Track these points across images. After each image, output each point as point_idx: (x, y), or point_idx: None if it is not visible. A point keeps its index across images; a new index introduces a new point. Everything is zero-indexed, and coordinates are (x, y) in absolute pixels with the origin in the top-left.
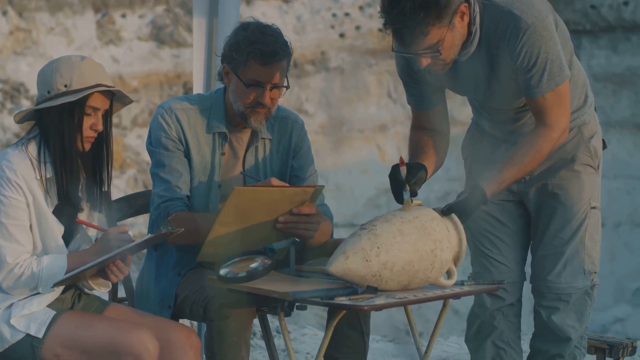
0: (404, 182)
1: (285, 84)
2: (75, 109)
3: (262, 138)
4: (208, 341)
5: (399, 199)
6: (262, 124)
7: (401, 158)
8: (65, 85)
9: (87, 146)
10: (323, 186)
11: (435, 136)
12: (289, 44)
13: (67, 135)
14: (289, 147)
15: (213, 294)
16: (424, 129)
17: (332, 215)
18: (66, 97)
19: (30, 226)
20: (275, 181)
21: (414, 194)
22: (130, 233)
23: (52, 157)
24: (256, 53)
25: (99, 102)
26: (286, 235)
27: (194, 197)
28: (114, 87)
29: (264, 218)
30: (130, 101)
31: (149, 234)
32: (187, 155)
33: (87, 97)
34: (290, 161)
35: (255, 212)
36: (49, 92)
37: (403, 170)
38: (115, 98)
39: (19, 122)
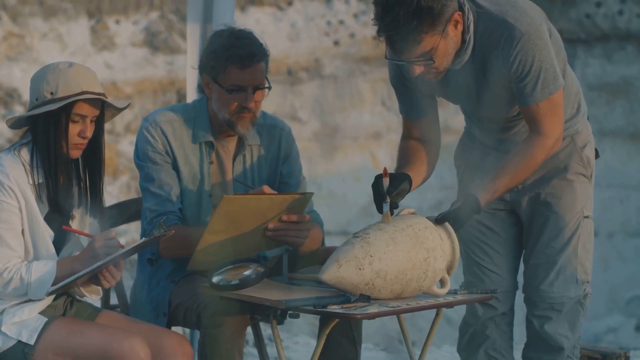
0: (385, 194)
1: (266, 85)
2: (62, 116)
3: (249, 145)
4: (201, 348)
5: (380, 209)
6: (249, 129)
7: (385, 169)
8: (51, 93)
9: (77, 153)
10: (312, 193)
11: (424, 146)
12: (264, 45)
13: (52, 142)
14: (279, 155)
15: (207, 301)
16: (414, 138)
17: (322, 222)
18: (50, 105)
19: (22, 231)
20: (267, 189)
21: (394, 205)
22: (123, 240)
23: (42, 164)
24: (234, 58)
25: (86, 110)
26: (276, 243)
27: (185, 208)
28: (101, 94)
29: (254, 226)
30: (121, 108)
31: (143, 238)
32: (175, 167)
33: (72, 104)
34: (280, 168)
35: (245, 220)
36: (36, 99)
37: (385, 182)
38: (107, 105)
39: (12, 127)
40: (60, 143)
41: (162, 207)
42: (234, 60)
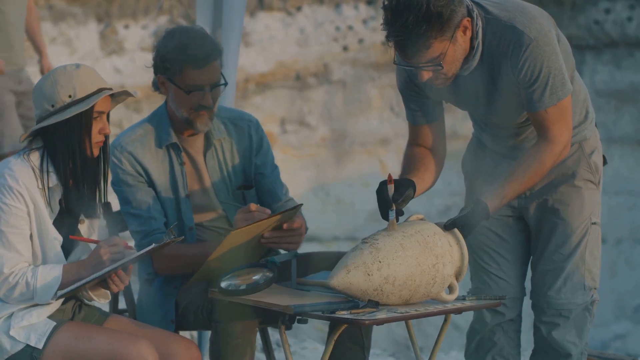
0: (391, 201)
1: (222, 82)
2: (83, 117)
3: (217, 139)
4: (213, 343)
5: (385, 216)
6: (208, 125)
7: (389, 175)
8: (70, 96)
9: (97, 151)
10: (302, 204)
11: (430, 154)
12: (217, 42)
13: (77, 144)
14: (251, 147)
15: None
16: (420, 145)
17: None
18: (77, 107)
19: (31, 235)
20: (253, 206)
21: (400, 212)
22: (132, 244)
23: (62, 168)
24: (190, 59)
25: (104, 106)
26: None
27: (167, 214)
28: (112, 89)
29: (251, 243)
30: (127, 95)
31: (154, 244)
32: (150, 181)
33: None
34: (253, 159)
35: (244, 241)
36: (52, 106)
37: (390, 189)
38: (114, 100)
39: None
40: (84, 144)
41: (147, 226)
42: (190, 61)
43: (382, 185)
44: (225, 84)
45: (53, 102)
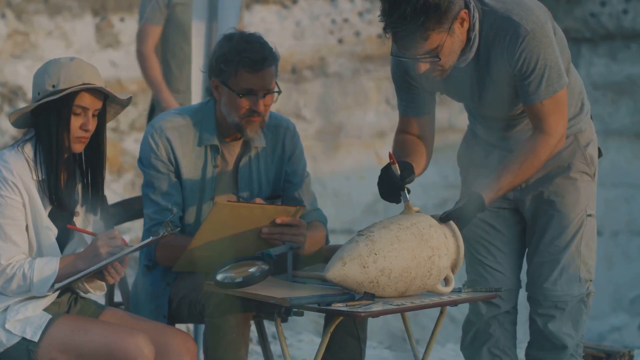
0: (401, 182)
1: (276, 89)
2: (64, 109)
3: (255, 147)
4: (206, 340)
5: (396, 199)
6: (258, 133)
7: (391, 154)
8: (53, 86)
9: (80, 147)
10: (304, 207)
11: (420, 142)
12: (274, 49)
13: (55, 136)
14: (283, 155)
15: (211, 291)
16: (410, 134)
17: (325, 220)
18: (52, 97)
19: (26, 227)
20: (259, 201)
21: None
22: (127, 237)
23: (44, 159)
24: (246, 61)
25: (88, 102)
26: (269, 246)
27: (188, 212)
28: (101, 86)
29: (245, 231)
30: (124, 102)
31: (151, 237)
32: (178, 173)
33: (74, 96)
34: (285, 167)
35: (236, 227)
36: (39, 94)
37: (396, 169)
38: (110, 100)
39: (15, 125)
40: (62, 136)
41: (161, 216)
42: (246, 64)
43: (386, 169)
44: (279, 92)
45: (39, 90)
